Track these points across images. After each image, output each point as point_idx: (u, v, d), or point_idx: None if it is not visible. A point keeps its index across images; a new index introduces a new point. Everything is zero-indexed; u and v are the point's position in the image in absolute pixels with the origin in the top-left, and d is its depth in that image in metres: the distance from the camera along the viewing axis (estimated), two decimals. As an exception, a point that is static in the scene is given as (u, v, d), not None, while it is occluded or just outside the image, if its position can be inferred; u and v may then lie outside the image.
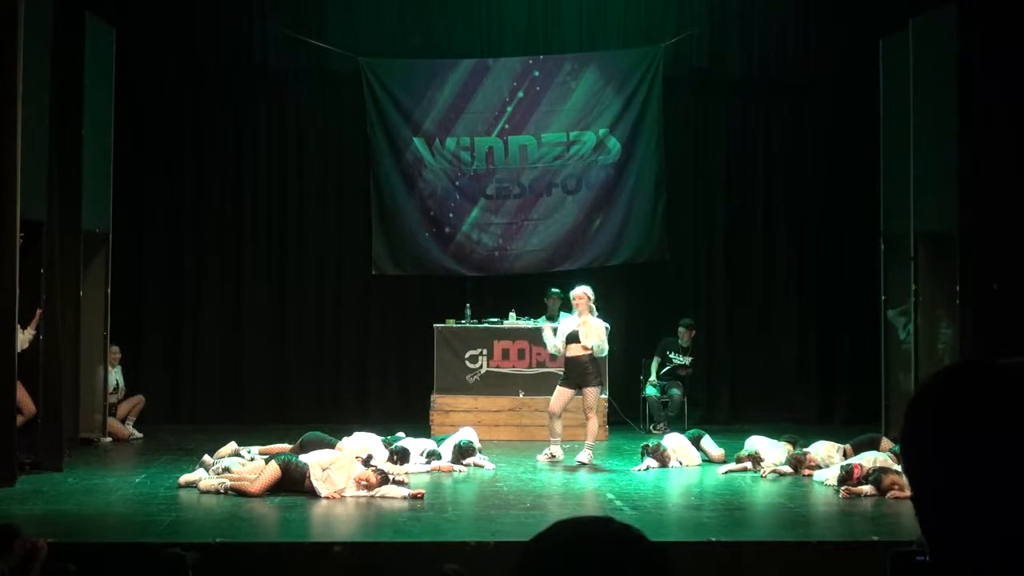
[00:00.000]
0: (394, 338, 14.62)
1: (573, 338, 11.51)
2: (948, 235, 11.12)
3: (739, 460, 11.07)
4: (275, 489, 9.58)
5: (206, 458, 10.52)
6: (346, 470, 9.68)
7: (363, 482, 9.63)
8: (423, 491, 9.69)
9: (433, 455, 11.23)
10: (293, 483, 9.60)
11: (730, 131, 14.86)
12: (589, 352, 11.48)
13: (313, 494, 9.48)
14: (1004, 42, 10.45)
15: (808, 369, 14.65)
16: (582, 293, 11.64)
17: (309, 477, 9.57)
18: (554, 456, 11.50)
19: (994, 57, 10.48)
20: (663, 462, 11.17)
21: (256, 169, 14.65)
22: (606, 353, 11.81)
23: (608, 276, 14.39)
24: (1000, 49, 10.46)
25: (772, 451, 11.12)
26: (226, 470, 10.03)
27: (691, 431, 12.01)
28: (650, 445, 11.35)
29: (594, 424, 11.50)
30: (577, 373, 11.52)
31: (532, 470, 11.17)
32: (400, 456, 10.92)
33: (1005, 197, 10.42)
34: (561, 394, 11.59)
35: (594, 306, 11.66)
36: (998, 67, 10.46)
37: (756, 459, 10.97)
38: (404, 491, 9.60)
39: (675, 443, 11.47)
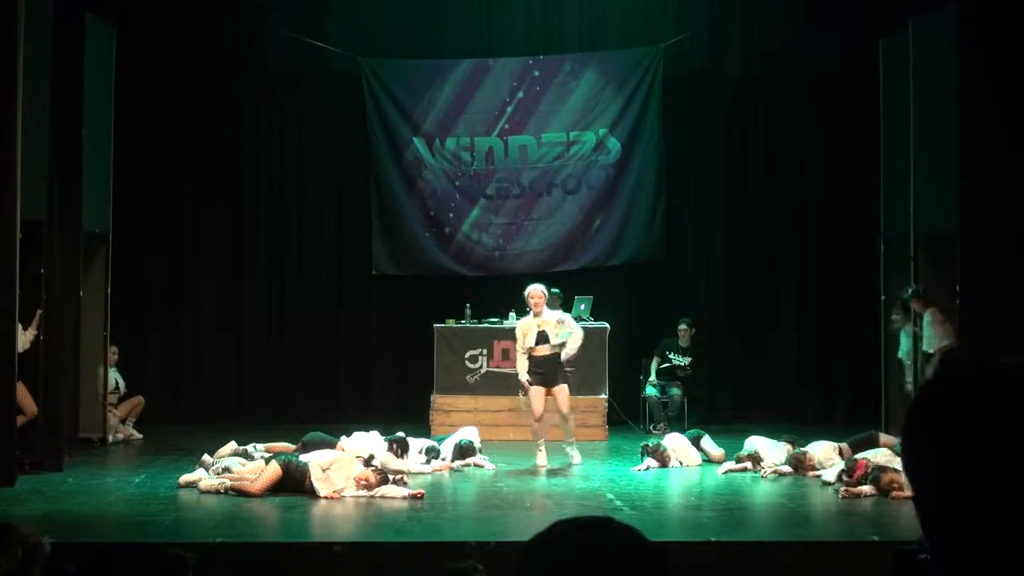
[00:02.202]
0: (394, 338, 14.62)
1: (542, 339, 11.30)
2: (948, 235, 11.11)
3: (739, 460, 11.06)
4: (276, 489, 9.58)
5: (206, 458, 10.51)
6: (346, 470, 9.68)
7: (363, 482, 9.63)
8: (423, 491, 9.69)
9: (432, 451, 11.23)
10: (293, 483, 9.60)
11: (730, 131, 14.85)
12: (557, 351, 11.32)
13: (313, 494, 9.49)
14: (1004, 42, 10.44)
15: (808, 369, 14.65)
16: (541, 292, 11.39)
17: (309, 477, 9.57)
18: (543, 464, 11.25)
19: (994, 57, 10.47)
20: (663, 462, 11.17)
21: (256, 169, 14.67)
22: (581, 333, 11.52)
23: (608, 276, 14.40)
24: (1000, 49, 10.45)
25: (772, 451, 11.12)
26: (226, 470, 10.03)
27: (691, 431, 12.00)
28: (650, 445, 11.35)
29: (572, 422, 11.41)
30: (547, 370, 11.27)
31: (532, 470, 11.17)
32: (399, 445, 10.92)
33: (1005, 197, 10.42)
34: (538, 393, 11.28)
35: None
36: (998, 67, 10.45)
37: (756, 459, 10.97)
38: (404, 491, 9.60)
39: (675, 443, 11.47)
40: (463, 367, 13.33)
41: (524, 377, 11.33)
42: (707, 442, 11.64)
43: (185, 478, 10.00)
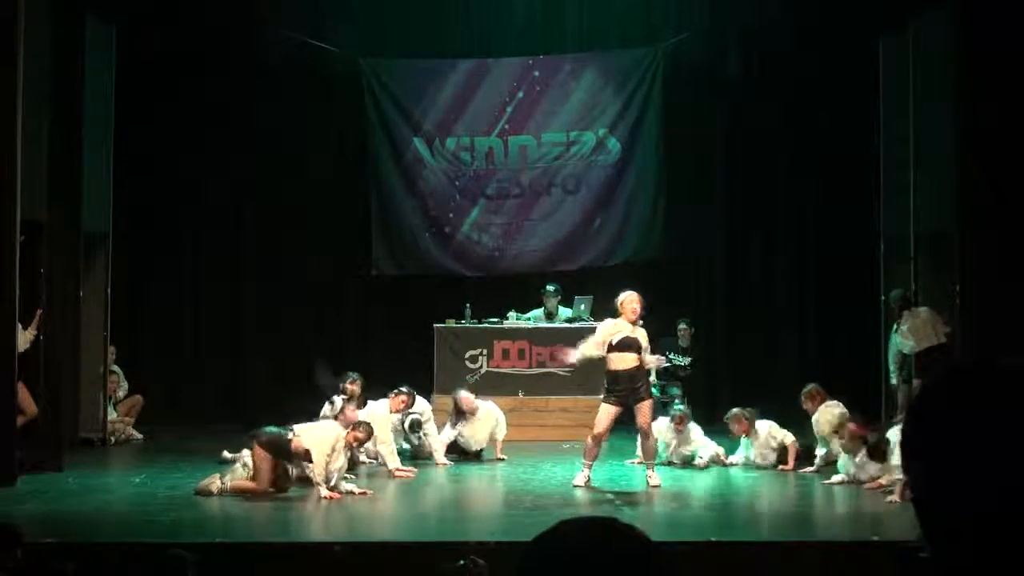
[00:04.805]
0: (394, 338, 14.62)
1: (627, 346, 9.96)
2: (948, 235, 11.12)
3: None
4: (278, 468, 9.56)
5: (225, 454, 10.57)
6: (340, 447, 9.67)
7: (354, 441, 9.74)
8: (369, 491, 9.75)
9: (416, 424, 11.39)
10: (284, 453, 9.60)
11: (730, 131, 14.85)
12: (639, 366, 10.07)
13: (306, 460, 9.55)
14: (1003, 42, 10.45)
15: (808, 369, 14.63)
16: (639, 299, 10.23)
17: (297, 450, 9.59)
18: (588, 480, 10.22)
19: (993, 57, 10.48)
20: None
21: (256, 169, 14.66)
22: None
23: (608, 276, 14.38)
24: (999, 49, 10.46)
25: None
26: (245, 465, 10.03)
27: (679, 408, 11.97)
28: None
29: (652, 441, 10.27)
30: (627, 386, 9.91)
31: (532, 470, 11.17)
32: (408, 394, 11.21)
33: (1005, 197, 10.43)
34: (608, 413, 9.93)
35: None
36: (997, 67, 10.46)
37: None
38: (352, 487, 9.64)
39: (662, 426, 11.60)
40: (463, 367, 13.32)
41: (575, 357, 10.23)
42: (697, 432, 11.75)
43: (203, 484, 9.81)
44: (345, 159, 14.70)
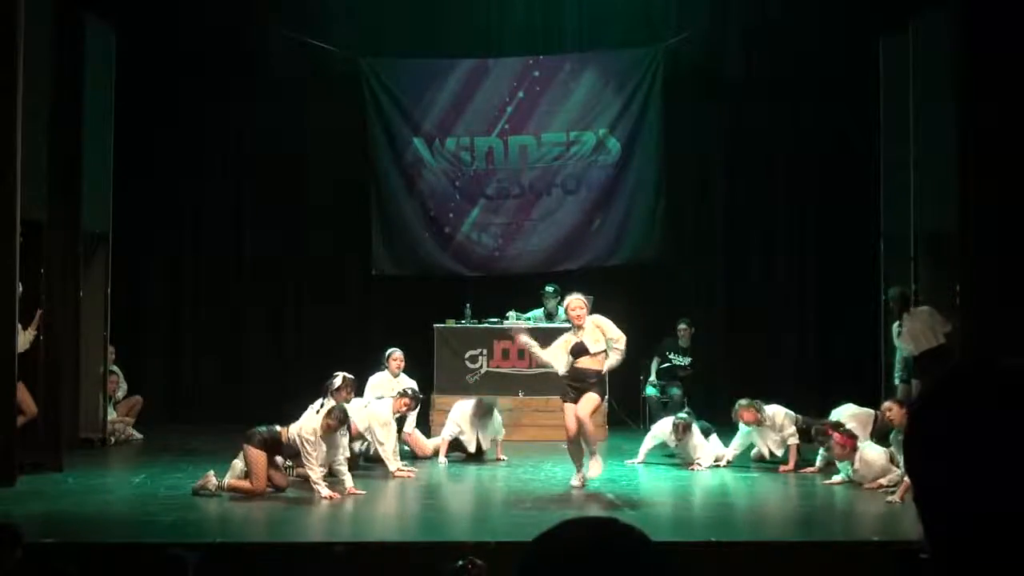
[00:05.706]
0: (394, 338, 14.60)
1: (578, 352, 10.03)
2: (948, 235, 11.12)
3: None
4: (272, 467, 9.55)
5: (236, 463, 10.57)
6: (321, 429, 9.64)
7: (327, 429, 9.57)
8: (339, 495, 9.55)
9: (404, 395, 11.30)
10: (277, 448, 9.57)
11: (730, 131, 14.86)
12: (596, 366, 10.02)
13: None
14: (1003, 42, 10.45)
15: (808, 369, 14.66)
16: (582, 303, 10.16)
17: (291, 441, 9.55)
18: (584, 480, 10.20)
19: (993, 56, 10.48)
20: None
21: (256, 169, 14.67)
22: (621, 346, 10.07)
23: (608, 276, 14.40)
24: (999, 49, 10.45)
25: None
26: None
27: (701, 422, 11.92)
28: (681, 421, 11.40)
29: (588, 426, 10.07)
30: (581, 383, 10.02)
31: (532, 470, 11.18)
32: (412, 398, 11.18)
33: (1005, 197, 10.42)
34: (570, 411, 10.04)
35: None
36: (997, 66, 10.46)
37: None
38: (327, 492, 9.50)
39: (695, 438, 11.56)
40: (463, 367, 13.32)
41: (535, 348, 10.29)
42: (715, 440, 11.68)
43: (199, 483, 9.81)
44: (345, 159, 14.70)
